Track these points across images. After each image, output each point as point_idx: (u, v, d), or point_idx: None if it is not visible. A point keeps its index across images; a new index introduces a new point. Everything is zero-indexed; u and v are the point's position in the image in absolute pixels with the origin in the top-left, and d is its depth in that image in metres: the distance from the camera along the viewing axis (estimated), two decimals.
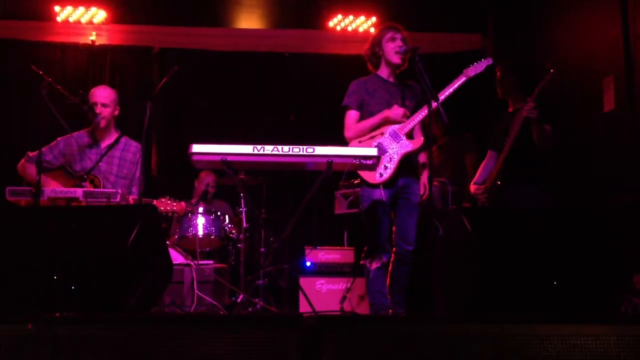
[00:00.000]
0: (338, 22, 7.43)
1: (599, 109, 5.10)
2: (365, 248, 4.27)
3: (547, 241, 3.00)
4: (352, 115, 4.27)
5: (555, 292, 2.91)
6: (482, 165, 4.61)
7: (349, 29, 7.43)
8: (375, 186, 4.07)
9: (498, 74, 4.49)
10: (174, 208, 4.31)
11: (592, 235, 3.07)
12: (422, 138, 4.16)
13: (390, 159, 4.07)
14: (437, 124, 5.32)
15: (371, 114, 4.19)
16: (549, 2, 6.03)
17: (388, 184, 4.07)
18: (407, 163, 4.13)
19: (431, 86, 3.77)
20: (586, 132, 5.25)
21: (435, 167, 5.11)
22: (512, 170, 4.26)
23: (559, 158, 4.55)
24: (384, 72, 4.29)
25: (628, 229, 3.14)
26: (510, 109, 4.50)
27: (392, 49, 4.19)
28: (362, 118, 4.25)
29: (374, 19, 7.36)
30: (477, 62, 4.15)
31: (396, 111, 4.11)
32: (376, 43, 4.26)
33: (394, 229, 4.17)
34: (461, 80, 4.11)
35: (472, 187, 4.51)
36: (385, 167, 4.06)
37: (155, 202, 4.24)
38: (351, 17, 7.39)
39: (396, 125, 4.13)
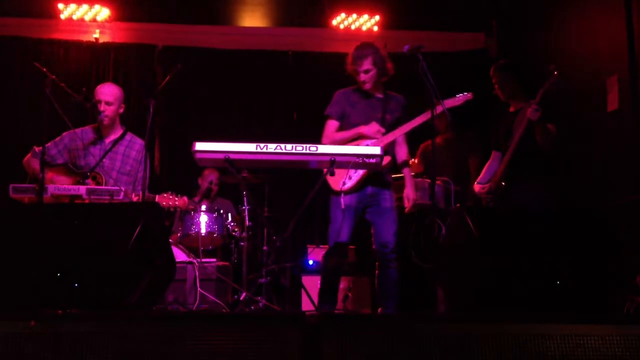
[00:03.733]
0: (341, 20, 7.43)
1: (603, 108, 5.08)
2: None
3: (550, 241, 3.00)
4: (331, 125, 4.33)
5: (557, 291, 2.91)
6: (486, 166, 4.59)
7: (353, 27, 7.43)
8: (337, 193, 4.12)
9: (494, 80, 4.47)
10: (177, 203, 4.30)
11: (595, 235, 3.07)
12: (390, 157, 4.20)
13: (356, 170, 4.08)
14: (440, 119, 5.31)
15: (351, 126, 4.25)
16: (552, 1, 6.01)
17: (353, 191, 4.12)
18: (377, 175, 4.16)
19: (435, 85, 3.77)
20: (589, 132, 5.23)
21: (439, 165, 5.09)
22: (517, 171, 4.25)
23: (562, 158, 4.54)
24: None
25: (630, 228, 3.14)
26: (512, 109, 4.49)
27: (360, 80, 4.27)
28: (342, 128, 4.30)
29: (377, 17, 7.37)
30: (457, 96, 4.17)
31: (371, 128, 4.17)
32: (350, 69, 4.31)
33: (372, 239, 4.21)
34: (438, 110, 4.01)
35: (476, 187, 4.50)
36: (350, 177, 4.12)
37: (157, 197, 4.23)
38: (354, 16, 7.39)
39: (370, 141, 4.16)
